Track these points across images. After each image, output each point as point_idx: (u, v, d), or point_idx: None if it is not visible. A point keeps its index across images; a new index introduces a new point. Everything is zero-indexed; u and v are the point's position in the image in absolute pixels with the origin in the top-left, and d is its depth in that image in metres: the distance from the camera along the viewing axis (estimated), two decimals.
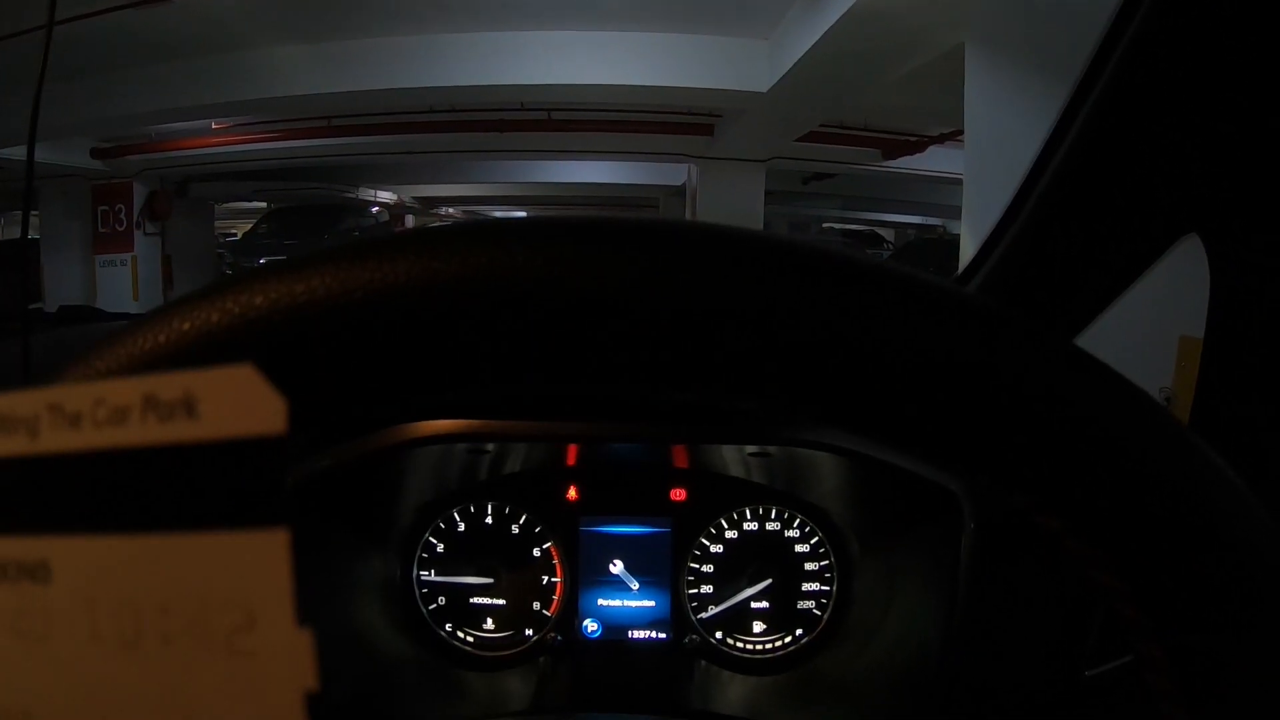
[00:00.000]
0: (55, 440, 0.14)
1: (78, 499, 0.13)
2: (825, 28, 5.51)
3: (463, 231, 0.21)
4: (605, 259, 0.21)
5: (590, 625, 1.06)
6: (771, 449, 0.95)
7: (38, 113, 0.70)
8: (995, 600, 0.68)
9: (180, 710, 0.14)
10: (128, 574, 0.13)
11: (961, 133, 3.54)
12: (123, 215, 11.76)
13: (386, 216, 17.78)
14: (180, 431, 0.13)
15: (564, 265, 0.21)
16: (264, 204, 16.58)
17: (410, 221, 21.79)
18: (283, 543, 0.13)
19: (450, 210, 22.70)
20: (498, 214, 22.89)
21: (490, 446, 0.97)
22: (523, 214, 23.57)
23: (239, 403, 0.13)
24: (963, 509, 0.70)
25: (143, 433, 0.13)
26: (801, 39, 6.11)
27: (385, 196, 18.11)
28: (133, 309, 10.65)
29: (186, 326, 0.17)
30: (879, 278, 0.24)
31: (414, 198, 20.11)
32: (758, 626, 1.03)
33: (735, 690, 0.96)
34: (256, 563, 0.13)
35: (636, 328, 0.21)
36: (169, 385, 0.13)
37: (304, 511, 0.79)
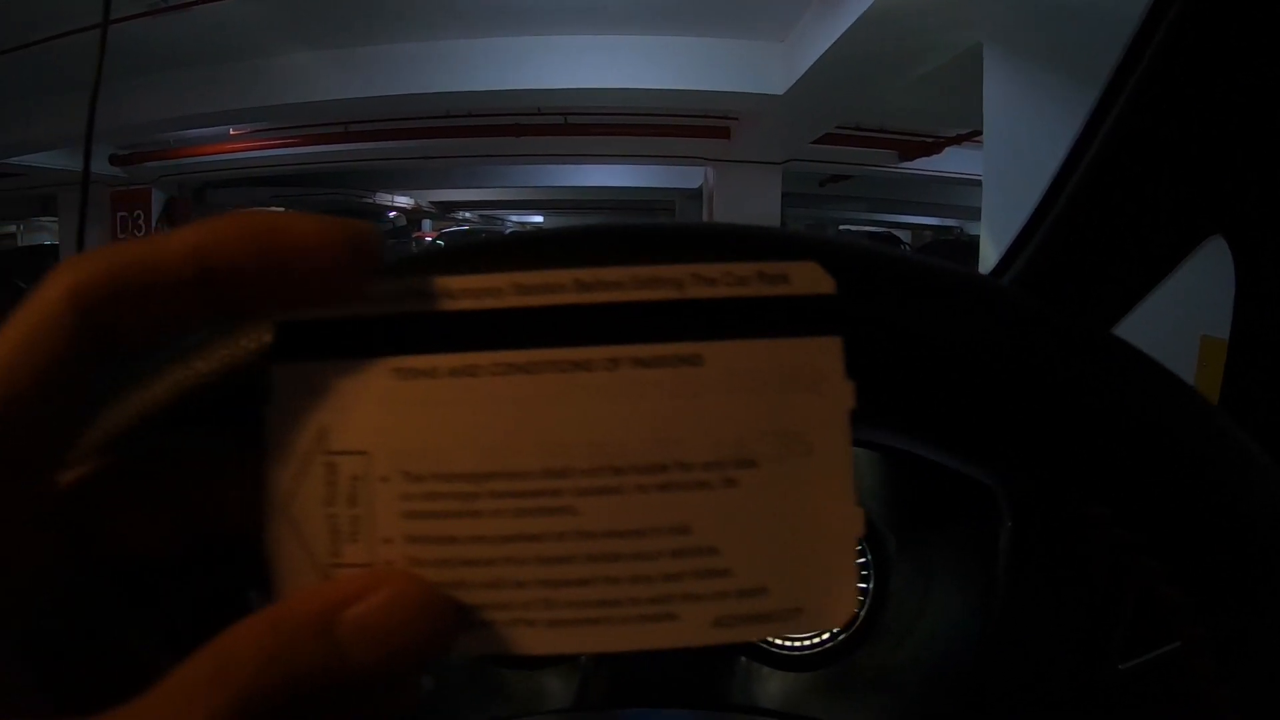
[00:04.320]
0: (698, 292, 0.23)
1: (725, 320, 0.23)
2: (842, 30, 5.52)
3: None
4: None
5: None
6: None
7: (94, 112, 0.71)
8: (1031, 594, 0.68)
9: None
10: (763, 359, 0.23)
11: (978, 134, 3.54)
12: (141, 221, 11.81)
13: (404, 221, 17.84)
14: (778, 289, 0.23)
15: None
16: (281, 209, 16.65)
17: (427, 226, 21.86)
18: (838, 343, 0.23)
19: (467, 215, 22.76)
20: (514, 218, 22.96)
21: None
22: (539, 219, 23.64)
23: (810, 278, 0.23)
24: (999, 505, 0.70)
25: (758, 289, 0.23)
26: (818, 41, 6.12)
27: (402, 201, 18.18)
28: None
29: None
30: (953, 280, 0.27)
31: (431, 202, 20.19)
32: None
33: (775, 685, 0.95)
34: (823, 352, 0.23)
35: None
36: (775, 268, 0.23)
37: None
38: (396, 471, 0.22)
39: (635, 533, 0.22)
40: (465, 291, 0.23)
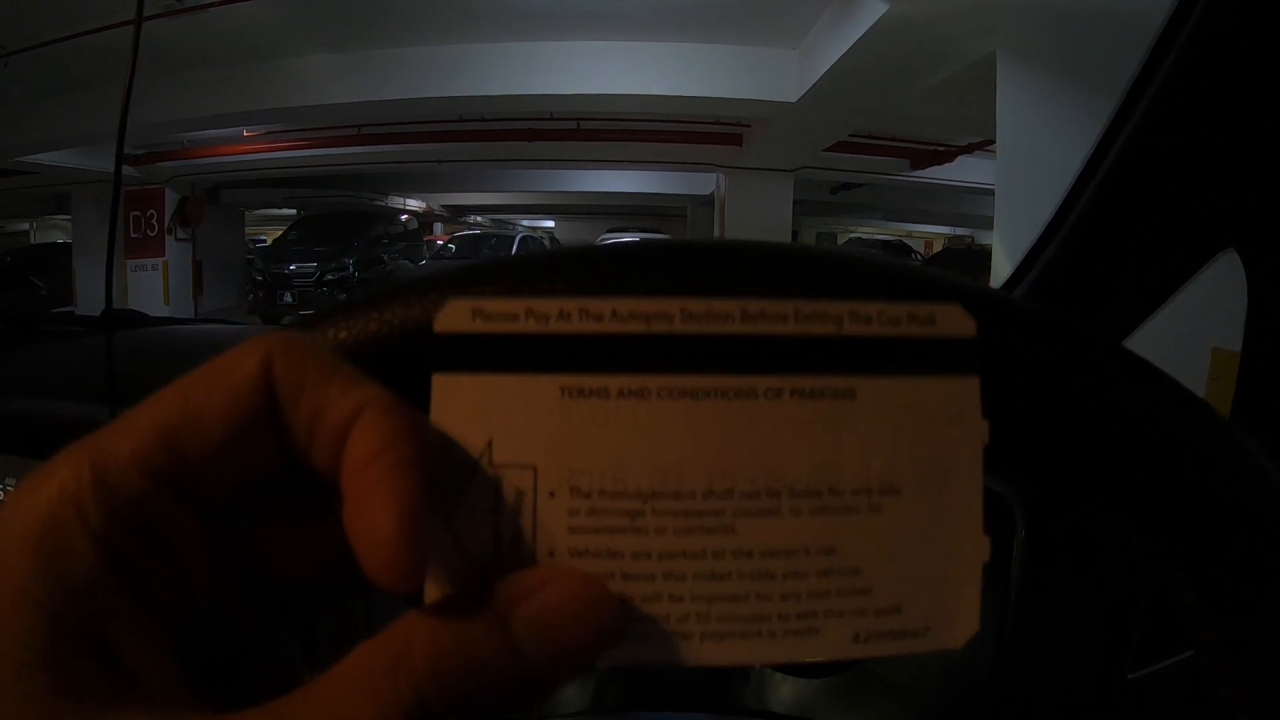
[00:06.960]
0: (855, 329, 0.24)
1: (877, 357, 0.24)
2: (855, 38, 5.52)
3: None
4: None
5: None
6: None
7: (127, 110, 0.71)
8: (1044, 604, 0.68)
9: (921, 454, 0.24)
10: (910, 395, 0.24)
11: (990, 143, 3.53)
12: (154, 221, 11.85)
13: (415, 224, 17.87)
14: (926, 330, 0.24)
15: None
16: (294, 210, 16.71)
17: (439, 229, 21.90)
18: (976, 382, 0.24)
19: (478, 218, 22.81)
20: (525, 223, 22.99)
21: None
22: (550, 223, 23.68)
23: (951, 321, 0.24)
24: (1013, 514, 0.70)
25: (908, 329, 0.24)
26: (831, 49, 6.12)
27: (414, 204, 18.25)
28: (163, 313, 10.67)
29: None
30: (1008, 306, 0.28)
31: (442, 206, 20.25)
32: None
33: (789, 690, 0.96)
34: (963, 390, 0.24)
35: None
36: (924, 310, 0.24)
37: None
38: (565, 487, 0.23)
39: (788, 552, 0.24)
40: (634, 315, 0.24)
